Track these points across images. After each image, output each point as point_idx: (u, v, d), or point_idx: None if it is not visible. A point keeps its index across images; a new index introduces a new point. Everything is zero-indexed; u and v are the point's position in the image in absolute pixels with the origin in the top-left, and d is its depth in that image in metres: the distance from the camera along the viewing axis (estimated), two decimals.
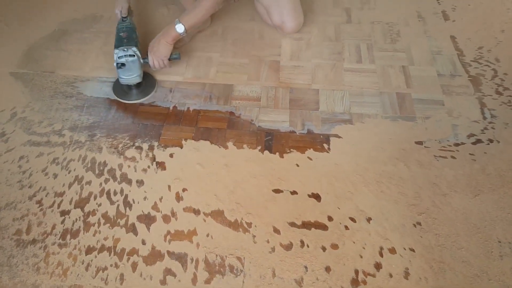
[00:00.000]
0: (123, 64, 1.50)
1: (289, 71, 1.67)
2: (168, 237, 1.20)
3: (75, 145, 1.44)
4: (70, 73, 1.70)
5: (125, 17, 1.63)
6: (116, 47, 1.50)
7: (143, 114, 1.54)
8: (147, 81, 1.63)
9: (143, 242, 1.19)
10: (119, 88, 1.62)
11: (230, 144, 1.43)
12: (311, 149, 1.41)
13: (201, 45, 1.80)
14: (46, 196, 1.30)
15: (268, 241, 1.18)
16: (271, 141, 1.43)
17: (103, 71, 1.70)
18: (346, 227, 1.21)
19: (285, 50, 1.76)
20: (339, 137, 1.44)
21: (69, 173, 1.36)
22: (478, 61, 1.67)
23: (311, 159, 1.38)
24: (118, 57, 1.49)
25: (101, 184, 1.33)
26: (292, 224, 1.22)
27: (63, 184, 1.33)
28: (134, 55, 1.50)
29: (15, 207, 1.28)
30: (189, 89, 1.62)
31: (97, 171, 1.36)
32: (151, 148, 1.42)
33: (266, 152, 1.40)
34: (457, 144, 1.41)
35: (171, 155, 1.40)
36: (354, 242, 1.18)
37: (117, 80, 1.61)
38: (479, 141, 1.41)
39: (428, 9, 1.95)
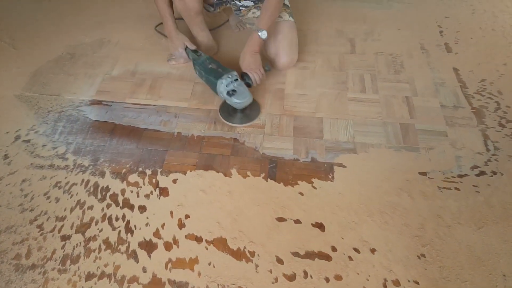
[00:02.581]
0: (234, 91, 1.51)
1: (293, 99, 1.69)
2: (169, 265, 1.18)
3: (78, 169, 1.44)
4: (75, 97, 1.71)
5: (198, 51, 1.70)
6: (218, 78, 1.52)
7: (148, 139, 1.54)
8: (252, 105, 1.61)
9: (144, 270, 1.17)
10: (226, 111, 1.62)
11: (233, 170, 1.43)
12: (315, 177, 1.40)
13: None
14: (47, 220, 1.29)
15: (271, 271, 1.17)
16: (275, 169, 1.43)
17: (108, 96, 1.71)
18: (350, 258, 1.19)
19: (290, 79, 1.78)
20: (343, 166, 1.43)
21: (71, 197, 1.35)
22: (481, 94, 1.69)
23: (315, 187, 1.37)
24: (226, 86, 1.51)
25: (103, 209, 1.32)
26: (296, 254, 1.20)
27: (64, 209, 1.32)
28: (238, 79, 1.54)
29: (15, 230, 1.26)
30: (194, 115, 1.63)
31: (99, 196, 1.36)
32: (154, 173, 1.42)
33: (270, 179, 1.40)
34: (460, 176, 1.40)
35: (174, 181, 1.40)
36: (358, 274, 1.16)
37: (223, 103, 1.64)
38: (482, 173, 1.41)
39: (431, 41, 1.98)
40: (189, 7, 1.68)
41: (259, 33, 1.56)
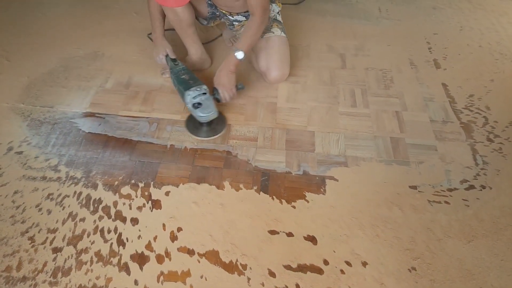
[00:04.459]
0: (199, 104, 1.53)
1: (285, 113, 1.71)
2: (161, 278, 1.18)
3: (70, 181, 1.44)
4: (69, 109, 1.71)
5: (176, 61, 1.72)
6: (186, 89, 1.53)
7: (140, 151, 1.54)
8: (218, 120, 1.63)
9: (136, 283, 1.17)
10: (192, 124, 1.64)
11: (226, 183, 1.43)
12: (307, 190, 1.41)
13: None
14: (38, 232, 1.28)
15: (263, 284, 1.17)
16: (267, 181, 1.44)
17: (102, 108, 1.72)
18: (342, 271, 1.20)
19: (282, 93, 1.81)
20: (335, 179, 1.45)
21: (63, 209, 1.35)
22: (469, 109, 1.73)
23: (307, 200, 1.38)
24: (193, 98, 1.52)
25: (95, 221, 1.32)
26: (288, 267, 1.20)
27: (56, 221, 1.31)
28: (206, 93, 1.54)
29: (6, 242, 1.25)
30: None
31: (91, 208, 1.35)
32: (147, 186, 1.42)
33: (262, 192, 1.41)
34: (450, 190, 1.43)
35: (167, 193, 1.40)
36: (349, 287, 1.16)
37: (190, 116, 1.66)
38: (472, 187, 1.44)
39: (420, 57, 2.03)
40: (181, 19, 1.70)
41: (235, 54, 1.58)
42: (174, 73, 1.66)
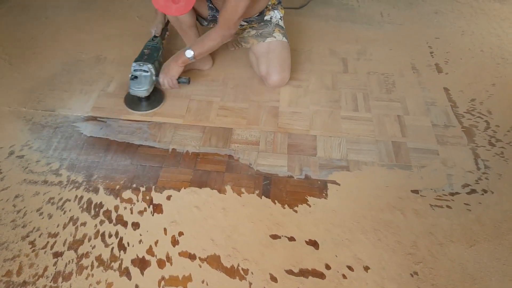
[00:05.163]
0: (135, 77, 1.65)
1: (287, 117, 1.71)
2: (162, 283, 1.17)
3: (71, 185, 1.43)
4: (71, 113, 1.72)
5: (155, 37, 1.83)
6: (135, 61, 1.67)
7: (142, 155, 1.54)
8: (156, 96, 1.77)
9: (137, 287, 1.16)
10: (130, 99, 1.76)
11: (228, 187, 1.43)
12: (309, 195, 1.41)
13: (202, 89, 1.85)
14: (39, 236, 1.28)
15: None
16: (269, 186, 1.44)
17: (104, 112, 1.72)
18: (344, 276, 1.19)
19: (284, 97, 1.81)
20: (337, 183, 1.45)
21: (64, 213, 1.35)
22: (471, 113, 1.73)
23: (309, 205, 1.38)
24: (134, 70, 1.66)
25: (96, 225, 1.32)
26: (290, 272, 1.20)
27: (57, 225, 1.31)
28: (147, 71, 1.66)
29: (7, 247, 1.25)
30: (189, 132, 1.64)
31: (92, 213, 1.35)
32: (148, 190, 1.42)
33: (264, 196, 1.40)
34: (452, 194, 1.42)
35: (168, 198, 1.40)
36: None
37: (129, 92, 1.73)
38: (473, 191, 1.43)
39: (422, 61, 2.03)
40: (181, 21, 1.72)
41: (186, 51, 1.64)
42: (144, 45, 1.78)
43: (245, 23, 1.78)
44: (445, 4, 2.53)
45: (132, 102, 1.75)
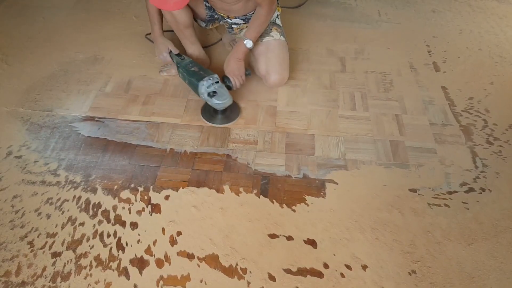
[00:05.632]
0: (214, 92, 1.59)
1: (285, 116, 1.71)
2: (161, 282, 1.17)
3: (70, 185, 1.43)
4: (68, 113, 1.71)
5: (181, 55, 1.78)
6: (199, 80, 1.60)
7: (140, 155, 1.54)
8: (232, 107, 1.70)
9: (135, 287, 1.16)
10: (207, 112, 1.71)
11: (226, 187, 1.43)
12: (307, 194, 1.41)
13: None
14: (38, 237, 1.28)
15: None
16: (267, 185, 1.44)
17: (101, 112, 1.72)
18: (342, 275, 1.20)
19: (282, 96, 1.81)
20: (335, 182, 1.45)
21: (62, 213, 1.35)
22: (468, 111, 1.73)
23: (307, 204, 1.38)
24: (207, 87, 1.59)
25: (94, 225, 1.32)
26: (288, 271, 1.20)
27: (55, 225, 1.31)
28: (218, 81, 1.62)
29: (5, 247, 1.25)
30: (187, 132, 1.64)
31: (91, 213, 1.35)
32: (146, 190, 1.42)
33: (262, 196, 1.41)
34: (450, 193, 1.43)
35: (166, 197, 1.40)
36: None
37: (205, 105, 1.72)
38: (471, 189, 1.44)
39: (420, 60, 2.03)
40: (178, 20, 1.72)
41: (245, 42, 1.64)
42: (183, 67, 1.70)
43: (242, 22, 1.78)
44: (442, 3, 2.53)
45: (210, 115, 1.70)
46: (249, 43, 1.64)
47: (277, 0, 1.81)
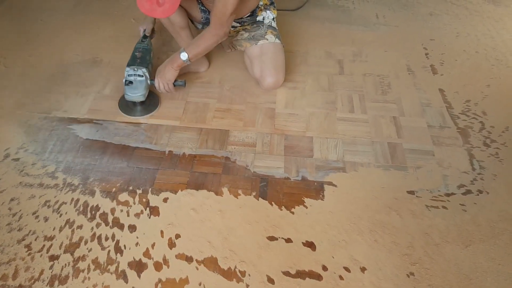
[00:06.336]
0: (130, 82, 1.62)
1: (284, 119, 1.71)
2: (159, 285, 1.17)
3: (67, 188, 1.43)
4: (66, 116, 1.71)
5: (145, 38, 1.80)
6: (128, 65, 1.64)
7: (138, 158, 1.54)
8: (152, 100, 1.75)
9: None
10: (125, 104, 1.73)
11: (225, 189, 1.43)
12: (306, 196, 1.41)
13: (198, 91, 1.84)
14: (35, 240, 1.27)
15: None
16: (266, 187, 1.44)
17: (100, 114, 1.72)
18: (341, 277, 1.20)
19: (280, 98, 1.81)
20: (333, 185, 1.45)
21: (60, 216, 1.34)
22: (466, 114, 1.74)
23: (305, 206, 1.38)
24: (128, 75, 1.62)
25: (92, 228, 1.31)
26: (287, 273, 1.20)
27: (53, 228, 1.31)
28: (142, 76, 1.63)
29: (2, 250, 1.24)
30: (186, 134, 1.64)
31: (89, 215, 1.35)
32: (145, 192, 1.42)
33: (261, 198, 1.41)
34: (448, 195, 1.43)
35: (165, 200, 1.40)
36: None
37: (123, 96, 1.72)
38: (469, 191, 1.44)
39: (417, 63, 2.04)
40: (172, 22, 1.72)
41: (180, 54, 1.62)
42: (134, 48, 1.75)
43: (238, 25, 1.78)
44: (440, 6, 2.54)
45: (127, 106, 1.73)
46: (183, 56, 1.61)
47: (272, 5, 1.82)
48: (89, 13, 2.39)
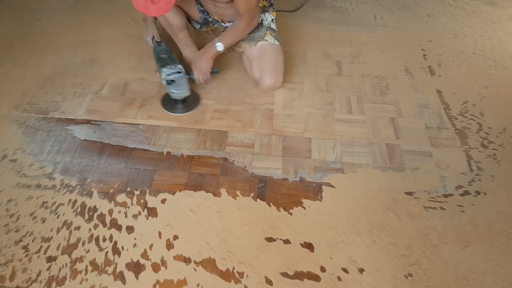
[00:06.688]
0: (172, 81, 1.65)
1: (282, 120, 1.71)
2: (157, 287, 1.17)
3: (65, 189, 1.43)
4: (64, 116, 1.70)
5: (159, 42, 1.86)
6: (163, 66, 1.66)
7: (136, 159, 1.54)
8: (192, 97, 1.77)
9: None
10: (167, 102, 1.77)
11: (223, 190, 1.43)
12: (304, 197, 1.41)
13: (197, 92, 1.84)
14: (32, 241, 1.27)
15: None
16: (264, 188, 1.44)
17: (98, 115, 1.71)
18: (339, 278, 1.20)
19: (278, 99, 1.81)
20: (332, 185, 1.45)
21: (57, 217, 1.34)
22: (463, 115, 1.74)
23: (304, 207, 1.38)
24: (167, 75, 1.64)
25: (90, 229, 1.31)
26: (285, 275, 1.20)
27: (51, 229, 1.30)
28: (180, 72, 1.66)
29: None
30: (184, 135, 1.63)
31: (86, 216, 1.34)
32: (142, 193, 1.42)
33: (259, 199, 1.40)
34: (445, 196, 1.43)
35: (163, 201, 1.39)
36: None
37: (165, 95, 1.79)
38: (467, 192, 1.45)
39: (415, 64, 2.04)
40: (170, 23, 1.73)
41: (216, 44, 1.67)
42: (156, 52, 1.78)
43: None
44: (437, 7, 2.55)
45: (170, 105, 1.76)
46: (220, 46, 1.67)
47: (271, 7, 1.82)
48: (86, 14, 2.39)
